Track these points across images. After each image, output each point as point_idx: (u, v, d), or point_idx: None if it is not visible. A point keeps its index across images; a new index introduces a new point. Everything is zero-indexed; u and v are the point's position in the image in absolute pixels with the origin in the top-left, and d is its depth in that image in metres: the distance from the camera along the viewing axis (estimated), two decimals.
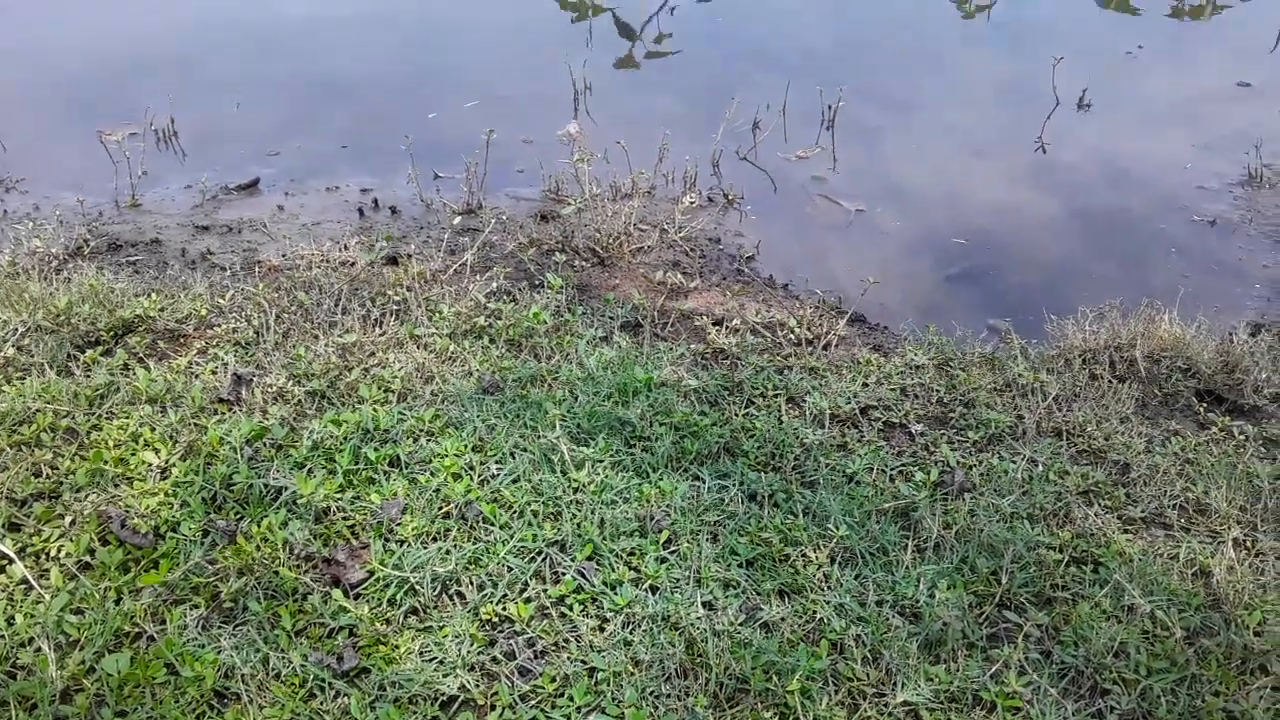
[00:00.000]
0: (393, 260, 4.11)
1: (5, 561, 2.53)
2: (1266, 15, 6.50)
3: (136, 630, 2.38)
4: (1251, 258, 4.40)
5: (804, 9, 6.96)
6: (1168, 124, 5.39)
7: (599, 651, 2.33)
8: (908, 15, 6.90)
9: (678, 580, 2.51)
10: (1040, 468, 2.98)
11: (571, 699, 2.24)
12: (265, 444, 2.92)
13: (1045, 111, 5.46)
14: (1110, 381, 3.39)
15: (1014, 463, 2.99)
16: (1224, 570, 2.58)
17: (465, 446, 2.89)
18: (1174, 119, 5.43)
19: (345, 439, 2.91)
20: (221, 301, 3.63)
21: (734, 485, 2.83)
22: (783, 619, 2.42)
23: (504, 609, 2.42)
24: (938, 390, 3.36)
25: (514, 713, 2.22)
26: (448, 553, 2.55)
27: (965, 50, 6.39)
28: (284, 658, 2.30)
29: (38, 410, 3.00)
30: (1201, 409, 3.35)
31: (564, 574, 2.51)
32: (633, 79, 6.10)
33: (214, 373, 3.26)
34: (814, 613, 2.45)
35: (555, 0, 7.09)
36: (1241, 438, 3.19)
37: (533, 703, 2.25)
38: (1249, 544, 2.75)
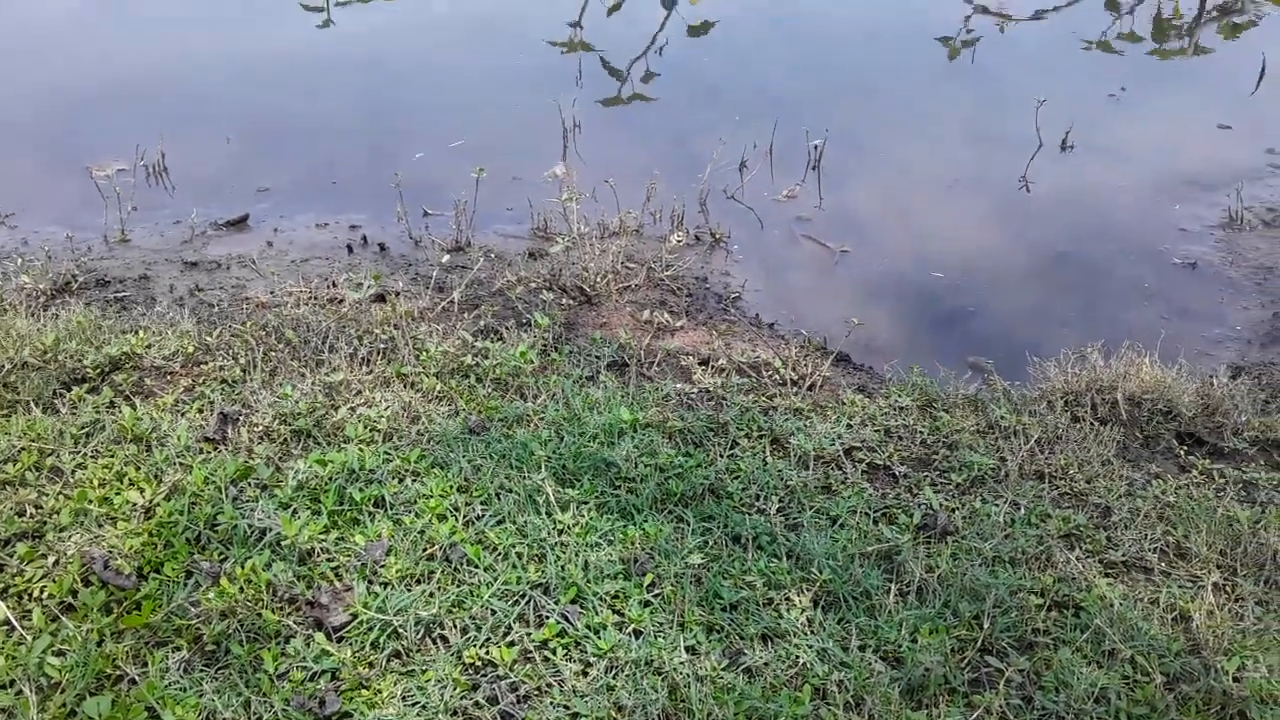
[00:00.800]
0: (380, 298, 4.13)
1: None
2: (1246, 58, 6.59)
3: (118, 673, 2.37)
4: (1232, 300, 4.45)
5: (791, 50, 7.03)
6: (1149, 166, 5.45)
7: (582, 697, 2.33)
8: (893, 56, 6.98)
9: (661, 624, 2.51)
10: (1022, 511, 3.00)
11: None
12: (250, 484, 2.92)
13: (1029, 152, 5.52)
14: (1092, 424, 3.42)
15: (996, 506, 3.01)
16: (1204, 615, 2.60)
17: (450, 487, 2.90)
18: (1155, 161, 5.49)
19: (330, 479, 2.92)
20: (209, 339, 3.64)
21: (718, 528, 2.84)
22: (765, 664, 2.43)
23: (487, 653, 2.42)
24: (921, 432, 3.38)
25: None
26: (431, 595, 2.55)
27: (950, 91, 6.46)
28: (266, 702, 2.30)
29: (22, 449, 3.00)
30: (1182, 452, 3.38)
31: (548, 617, 2.51)
32: (621, 117, 6.16)
33: (200, 411, 3.26)
34: (797, 658, 2.45)
35: (546, 40, 7.14)
36: (1222, 481, 3.21)
37: None
38: (1229, 589, 2.76)
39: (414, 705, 2.31)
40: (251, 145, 5.63)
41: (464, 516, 2.81)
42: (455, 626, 2.48)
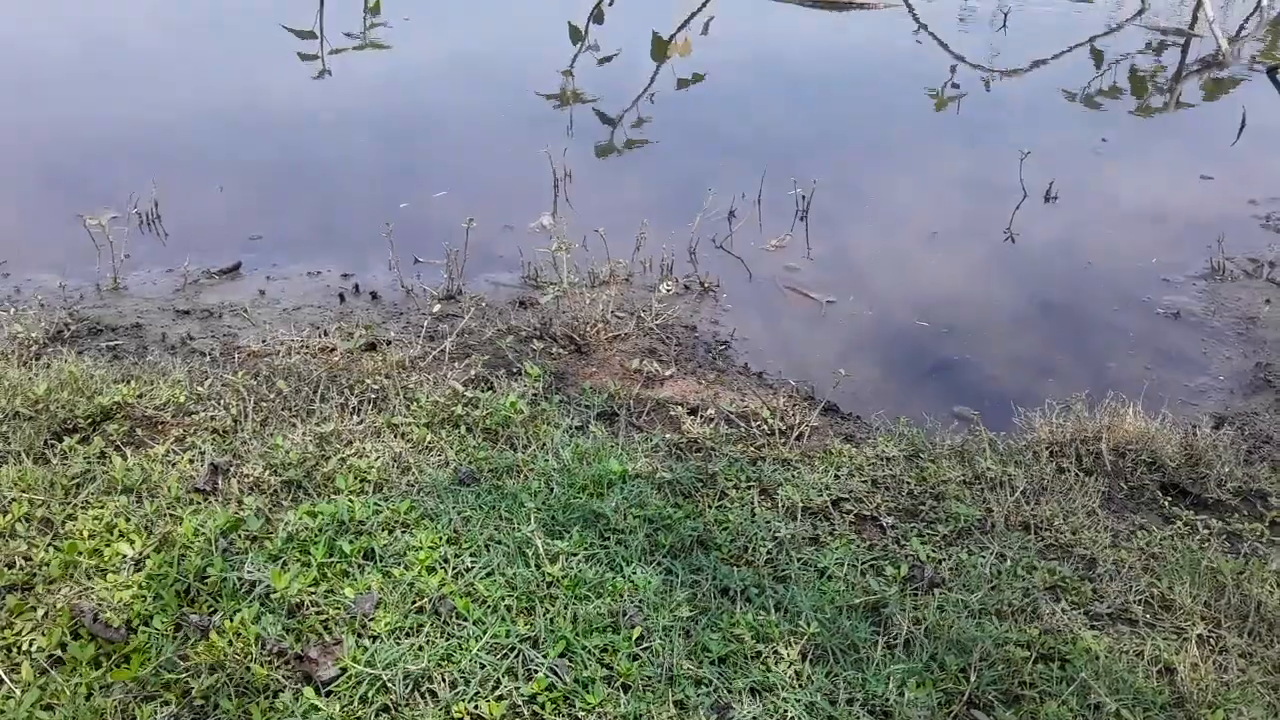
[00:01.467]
0: (372, 346, 4.15)
1: None
2: (1227, 112, 6.70)
3: None
4: (1215, 349, 4.50)
5: (779, 101, 7.13)
6: (1132, 217, 5.53)
7: None
8: (881, 108, 7.08)
9: (650, 678, 2.52)
10: (1008, 562, 3.02)
11: None
12: (240, 536, 2.93)
13: (1014, 203, 5.59)
14: (1077, 475, 3.45)
15: (983, 557, 3.03)
16: (1188, 668, 2.62)
17: (440, 539, 2.91)
18: (1139, 212, 5.58)
19: (320, 531, 2.93)
20: (200, 389, 3.65)
21: (707, 579, 2.85)
22: (754, 718, 2.44)
23: (476, 707, 2.42)
24: (908, 482, 3.41)
25: None
26: (420, 649, 2.56)
27: (936, 142, 6.56)
28: None
29: (13, 500, 3.01)
30: (1166, 503, 3.41)
31: (536, 671, 2.52)
32: (612, 167, 6.23)
33: (191, 462, 3.28)
34: (785, 711, 2.46)
35: (538, 91, 7.23)
36: (1205, 532, 3.24)
37: None
38: (1213, 640, 2.78)
39: None
40: (245, 193, 5.68)
41: (453, 568, 2.82)
42: (444, 680, 2.48)
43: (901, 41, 8.09)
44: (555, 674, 2.51)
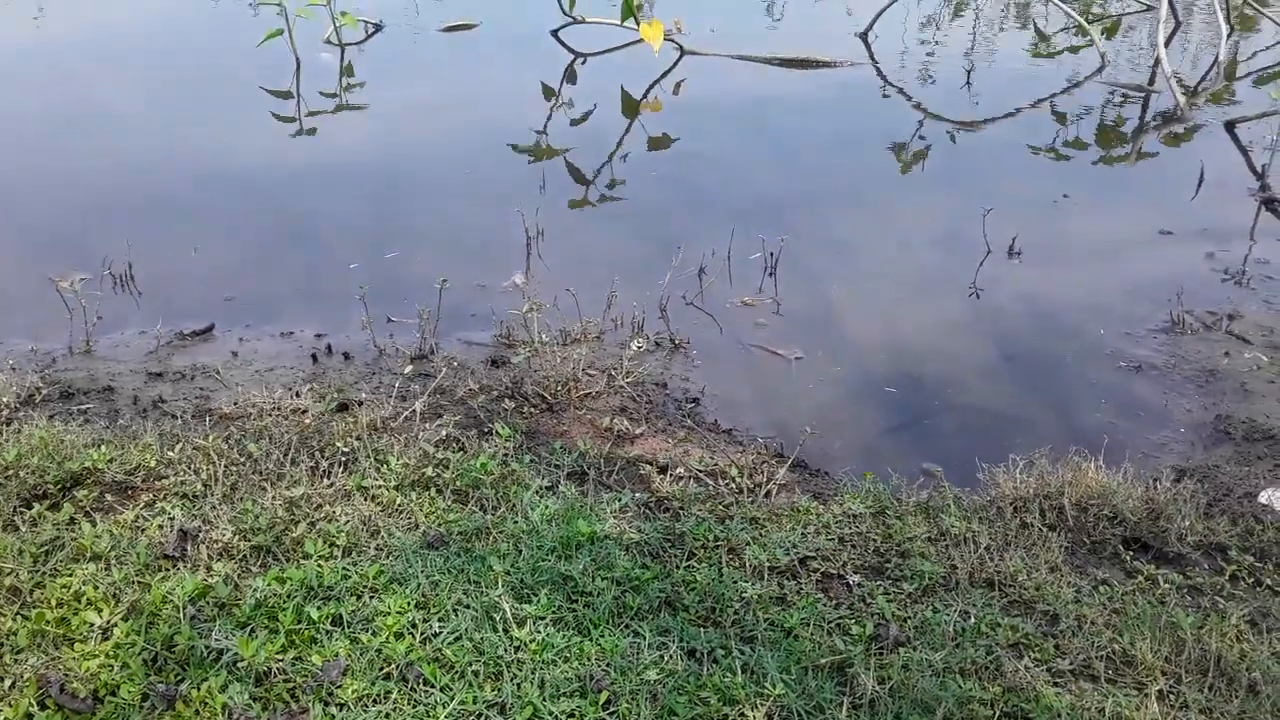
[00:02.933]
0: (344, 407, 4.18)
1: None
2: (1186, 165, 6.86)
3: None
4: (1176, 402, 4.58)
5: (750, 157, 7.25)
6: (1094, 271, 5.64)
7: None
8: (849, 164, 7.21)
9: None
10: (972, 620, 3.06)
11: None
12: (208, 602, 2.94)
13: (979, 258, 5.69)
14: (1040, 530, 3.50)
15: (947, 615, 3.07)
16: None
17: (408, 604, 2.92)
18: (1100, 266, 5.69)
19: (289, 597, 2.94)
20: (171, 453, 3.67)
21: (674, 642, 2.88)
22: None
23: None
24: (874, 539, 3.45)
25: None
26: (387, 716, 2.57)
27: (903, 198, 6.68)
28: None
29: None
30: (1128, 557, 3.46)
31: None
32: (584, 224, 6.31)
33: (160, 528, 3.28)
34: None
35: (510, 144, 7.33)
36: (1167, 586, 3.29)
37: None
38: (1173, 696, 2.82)
39: None
40: (219, 252, 5.72)
41: (421, 634, 2.84)
42: None
43: (868, 97, 8.25)
44: None
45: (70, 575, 3.03)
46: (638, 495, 3.63)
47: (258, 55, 8.31)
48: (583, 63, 8.83)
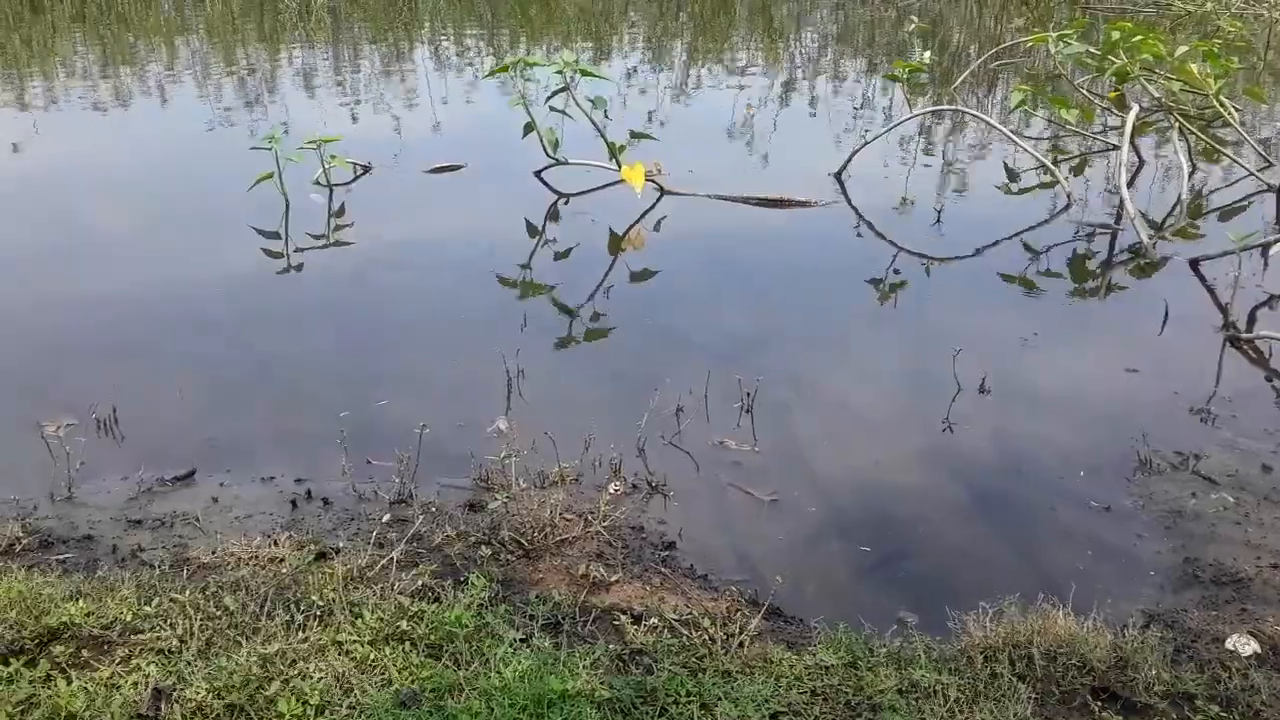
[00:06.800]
0: (322, 555, 4.22)
1: None
2: (1153, 300, 7.06)
3: None
4: (1145, 544, 4.65)
5: (728, 294, 7.43)
6: (1062, 409, 5.77)
7: None
8: (826, 300, 7.39)
9: None
10: None
11: None
12: None
13: (950, 396, 5.81)
14: (1010, 680, 3.53)
15: None
16: None
17: None
18: (1068, 405, 5.81)
19: None
20: (148, 608, 3.69)
21: None
22: None
23: None
24: (846, 692, 3.48)
25: None
26: None
27: (878, 334, 6.85)
28: None
29: None
30: (1097, 707, 3.48)
31: None
32: (566, 363, 6.44)
33: (135, 685, 3.30)
34: None
35: (496, 273, 7.51)
36: None
37: None
38: None
39: None
40: (203, 395, 5.81)
41: None
42: None
43: (843, 235, 8.50)
44: None
45: None
46: (611, 647, 3.66)
47: (247, 194, 8.54)
48: (566, 202, 9.09)
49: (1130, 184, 8.76)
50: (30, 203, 9.06)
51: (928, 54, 11.02)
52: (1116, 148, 9.35)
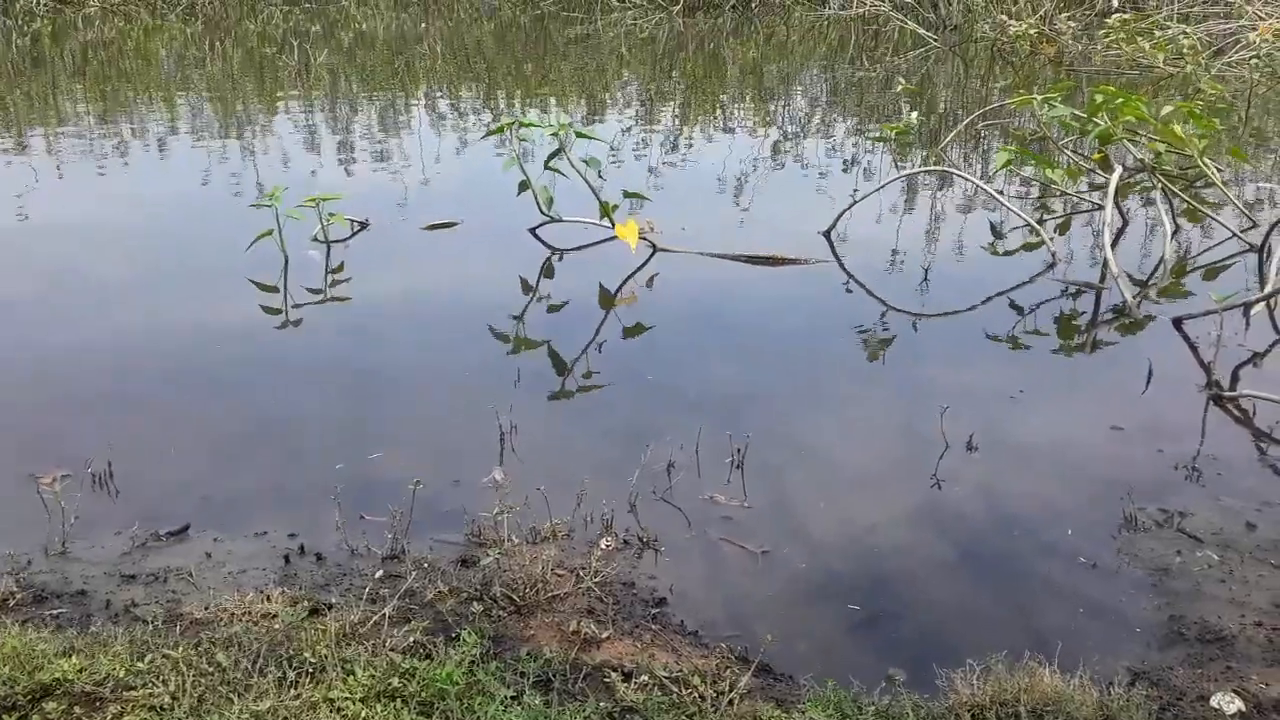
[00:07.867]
0: (315, 610, 4.24)
1: None
2: (1138, 357, 7.15)
3: None
4: (1131, 602, 4.69)
5: (719, 350, 7.51)
6: (1048, 467, 5.83)
7: None
8: (815, 356, 7.48)
9: None
10: None
11: None
12: None
13: (938, 452, 5.87)
14: None
15: None
16: None
17: None
18: (1054, 462, 5.88)
19: None
20: (140, 664, 3.71)
21: None
22: None
23: None
24: None
25: None
26: None
27: (866, 391, 6.93)
28: None
29: None
30: None
31: None
32: (557, 418, 6.50)
33: None
34: None
35: (490, 325, 7.59)
36: None
37: None
38: None
39: None
40: (198, 448, 5.86)
41: None
42: None
43: (832, 293, 8.60)
44: None
45: None
46: (602, 705, 3.69)
47: (246, 252, 8.64)
48: (559, 259, 9.20)
49: (1114, 244, 8.90)
50: (28, 255, 9.14)
51: (914, 114, 11.19)
52: (1101, 207, 9.51)
